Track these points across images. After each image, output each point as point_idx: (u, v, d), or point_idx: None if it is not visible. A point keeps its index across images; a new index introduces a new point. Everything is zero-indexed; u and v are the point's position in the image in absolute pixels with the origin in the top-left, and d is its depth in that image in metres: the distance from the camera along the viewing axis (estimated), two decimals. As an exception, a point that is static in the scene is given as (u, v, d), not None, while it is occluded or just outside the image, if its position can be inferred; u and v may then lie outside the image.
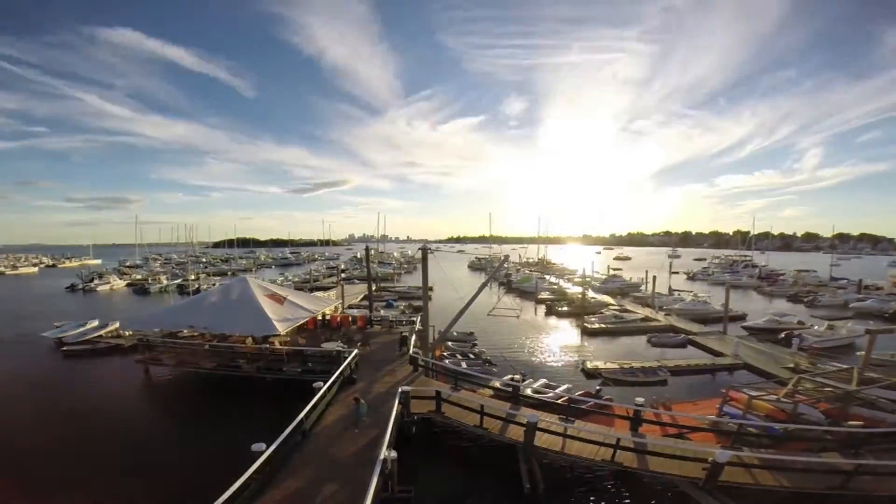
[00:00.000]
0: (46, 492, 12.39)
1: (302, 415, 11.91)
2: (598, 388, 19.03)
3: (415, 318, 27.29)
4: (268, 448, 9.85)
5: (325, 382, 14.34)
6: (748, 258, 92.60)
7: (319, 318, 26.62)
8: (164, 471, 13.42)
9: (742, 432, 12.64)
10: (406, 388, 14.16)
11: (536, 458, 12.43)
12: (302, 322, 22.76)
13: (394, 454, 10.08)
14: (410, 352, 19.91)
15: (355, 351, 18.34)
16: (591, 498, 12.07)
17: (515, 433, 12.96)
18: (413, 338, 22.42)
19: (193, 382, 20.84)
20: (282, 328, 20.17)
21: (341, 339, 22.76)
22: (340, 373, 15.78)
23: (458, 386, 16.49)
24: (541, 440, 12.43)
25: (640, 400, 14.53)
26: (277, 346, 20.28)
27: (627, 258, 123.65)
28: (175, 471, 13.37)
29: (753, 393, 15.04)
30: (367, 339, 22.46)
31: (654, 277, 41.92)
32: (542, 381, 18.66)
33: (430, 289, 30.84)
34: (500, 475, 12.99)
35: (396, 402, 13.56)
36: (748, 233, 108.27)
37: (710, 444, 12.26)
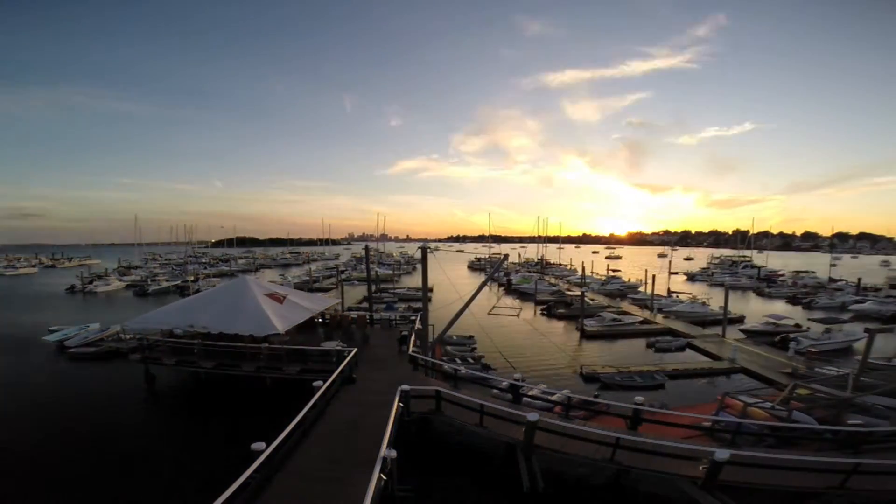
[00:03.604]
0: (47, 492, 12.41)
1: (302, 413, 11.90)
2: (595, 393, 19.05)
3: (414, 318, 27.30)
4: (268, 447, 9.85)
5: (324, 381, 14.36)
6: (747, 258, 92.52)
7: (319, 318, 26.62)
8: (164, 471, 13.45)
9: (738, 432, 12.69)
10: (406, 386, 14.17)
11: (536, 457, 12.46)
12: (302, 321, 22.77)
13: (394, 453, 10.09)
14: (410, 351, 19.95)
15: (355, 350, 18.36)
16: (591, 497, 12.11)
17: (515, 432, 12.96)
18: (413, 337, 22.44)
19: (193, 382, 20.90)
20: (282, 327, 20.18)
21: (341, 338, 22.79)
22: (340, 372, 15.82)
23: (457, 387, 16.49)
24: (540, 439, 12.45)
25: (639, 399, 14.56)
26: (277, 345, 20.28)
27: (619, 257, 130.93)
28: (175, 471, 13.40)
29: (749, 400, 15.07)
30: (367, 339, 22.47)
31: (654, 277, 41.88)
32: (542, 386, 18.67)
33: (430, 289, 30.85)
34: (499, 474, 13.05)
35: (396, 400, 13.57)
36: (747, 232, 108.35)
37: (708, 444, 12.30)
